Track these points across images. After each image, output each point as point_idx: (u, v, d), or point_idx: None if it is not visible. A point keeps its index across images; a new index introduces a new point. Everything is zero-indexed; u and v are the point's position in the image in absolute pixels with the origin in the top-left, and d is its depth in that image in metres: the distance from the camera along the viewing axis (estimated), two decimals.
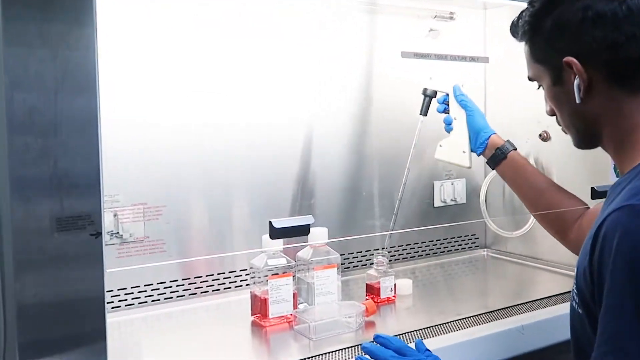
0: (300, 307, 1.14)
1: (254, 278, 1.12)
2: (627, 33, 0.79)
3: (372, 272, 1.24)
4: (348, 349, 0.98)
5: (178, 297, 1.24)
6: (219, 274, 1.30)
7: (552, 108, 0.91)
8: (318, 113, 1.40)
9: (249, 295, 1.13)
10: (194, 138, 1.25)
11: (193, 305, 1.23)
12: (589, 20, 0.80)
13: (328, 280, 1.15)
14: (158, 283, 1.23)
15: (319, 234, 1.15)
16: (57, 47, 0.65)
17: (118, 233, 1.16)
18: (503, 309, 1.16)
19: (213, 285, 1.29)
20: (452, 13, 1.54)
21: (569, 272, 1.39)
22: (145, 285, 1.21)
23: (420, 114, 1.37)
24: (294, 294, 1.12)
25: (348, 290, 1.31)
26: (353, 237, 1.37)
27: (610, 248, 0.70)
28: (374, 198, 1.50)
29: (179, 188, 1.24)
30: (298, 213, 1.37)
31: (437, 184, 1.60)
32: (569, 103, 0.85)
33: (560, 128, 0.93)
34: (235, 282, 1.32)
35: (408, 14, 1.50)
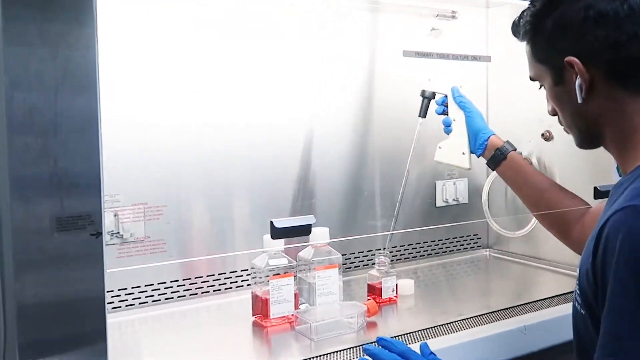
0: (302, 307, 1.14)
1: (255, 278, 1.12)
2: (628, 32, 0.78)
3: (373, 272, 1.24)
4: (349, 350, 0.98)
5: (179, 297, 1.24)
6: (220, 274, 1.30)
7: (553, 108, 0.90)
8: (318, 113, 1.40)
9: (250, 296, 1.13)
10: (195, 138, 1.25)
11: (194, 306, 1.23)
12: (591, 20, 0.80)
13: (329, 281, 1.15)
14: (159, 283, 1.22)
15: (321, 234, 1.15)
16: (57, 46, 0.65)
17: (118, 233, 1.16)
18: (505, 309, 1.16)
19: (214, 286, 1.29)
20: (454, 12, 1.53)
21: (572, 272, 1.39)
22: (146, 286, 1.21)
23: (419, 116, 1.37)
24: (295, 294, 1.12)
25: (349, 291, 1.31)
26: (355, 237, 1.37)
27: (613, 249, 0.70)
28: (376, 198, 1.50)
29: (180, 188, 1.24)
30: (299, 213, 1.36)
31: (439, 184, 1.59)
32: (571, 103, 0.84)
33: (562, 128, 0.92)
34: (236, 282, 1.31)
35: (410, 13, 1.50)
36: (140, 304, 1.20)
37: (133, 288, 1.20)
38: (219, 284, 1.29)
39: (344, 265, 1.39)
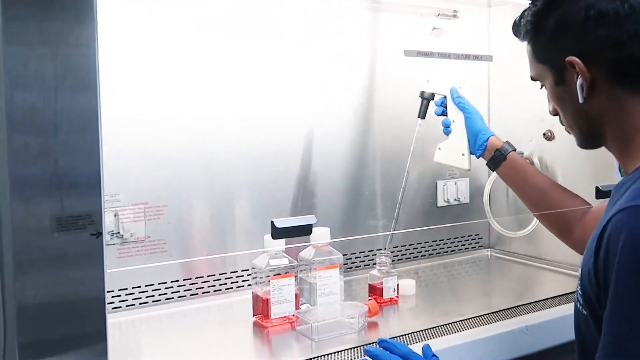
0: (303, 307, 1.14)
1: (256, 278, 1.11)
2: (629, 31, 0.78)
3: (374, 272, 1.24)
4: (350, 350, 0.97)
5: (179, 297, 1.24)
6: (221, 274, 1.29)
7: (555, 108, 0.90)
8: (319, 111, 1.40)
9: (251, 296, 1.13)
10: (195, 136, 1.24)
11: (194, 306, 1.23)
12: (592, 19, 0.80)
13: (330, 281, 1.14)
14: (159, 283, 1.22)
15: (322, 234, 1.14)
16: (57, 45, 0.65)
17: (119, 233, 1.16)
18: (507, 310, 1.16)
19: (214, 286, 1.28)
20: (455, 11, 1.53)
21: (574, 272, 1.38)
22: (146, 286, 1.21)
23: (419, 117, 1.37)
24: (296, 295, 1.11)
25: (350, 291, 1.31)
26: (356, 237, 1.37)
27: (615, 249, 0.70)
28: (377, 197, 1.49)
29: (180, 187, 1.24)
30: (300, 212, 1.36)
31: (440, 184, 1.59)
32: (572, 103, 0.84)
33: (564, 128, 0.92)
34: (237, 282, 1.31)
35: (411, 12, 1.50)
36: (141, 304, 1.20)
37: (133, 288, 1.20)
38: (220, 284, 1.29)
39: (345, 265, 1.39)
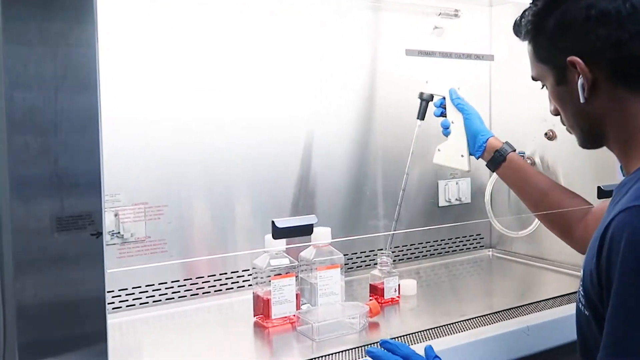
0: (303, 307, 1.13)
1: (257, 278, 1.11)
2: (631, 31, 0.78)
3: (375, 272, 1.23)
4: (351, 350, 0.97)
5: (180, 297, 1.24)
6: (221, 275, 1.29)
7: (556, 108, 0.90)
8: (319, 111, 1.39)
9: (252, 296, 1.12)
10: (195, 136, 1.24)
11: (195, 306, 1.22)
12: (593, 19, 0.79)
13: (331, 281, 1.14)
14: (159, 283, 1.22)
15: (322, 234, 1.14)
16: (57, 45, 0.65)
17: (119, 233, 1.16)
18: (508, 310, 1.15)
19: (215, 286, 1.28)
20: (457, 10, 1.53)
21: (575, 272, 1.38)
22: (147, 286, 1.21)
23: (418, 118, 1.37)
24: (297, 295, 1.11)
25: (351, 291, 1.31)
26: (357, 237, 1.36)
27: (618, 249, 0.70)
28: (378, 197, 1.49)
29: (181, 187, 1.23)
30: (300, 212, 1.36)
31: (441, 183, 1.59)
32: (573, 103, 0.84)
33: (565, 128, 0.92)
34: (238, 282, 1.31)
35: (412, 11, 1.50)
36: (141, 305, 1.20)
37: (134, 288, 1.19)
38: (220, 284, 1.29)
39: (346, 266, 1.39)
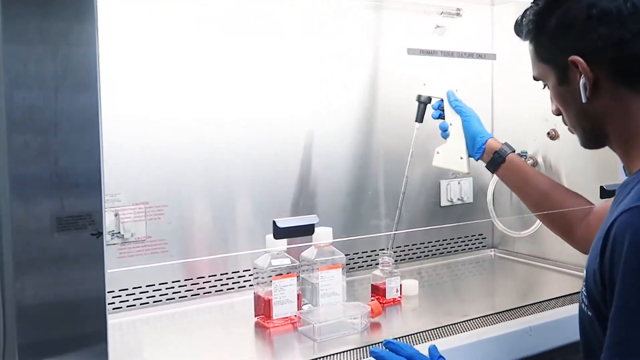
0: (305, 308, 1.13)
1: (258, 279, 1.11)
2: (632, 30, 0.78)
3: (377, 272, 1.23)
4: (353, 351, 0.97)
5: (180, 298, 1.23)
6: (222, 275, 1.29)
7: (557, 108, 0.90)
8: (319, 110, 1.39)
9: (253, 296, 1.12)
10: (196, 136, 1.24)
11: (195, 307, 1.22)
12: (594, 18, 0.79)
13: (333, 281, 1.14)
14: (160, 284, 1.22)
15: (324, 234, 1.14)
16: (57, 44, 0.65)
17: (119, 233, 1.15)
18: (510, 310, 1.15)
19: (216, 286, 1.28)
20: (459, 9, 1.53)
21: (578, 272, 1.38)
22: (147, 286, 1.20)
23: (416, 121, 1.36)
24: (298, 295, 1.11)
25: (353, 291, 1.30)
26: (358, 237, 1.36)
27: (621, 250, 0.70)
28: (380, 197, 1.49)
29: (181, 186, 1.23)
30: (302, 212, 1.35)
31: (443, 183, 1.58)
32: (575, 102, 0.84)
33: (567, 127, 0.91)
34: (239, 282, 1.31)
35: (414, 10, 1.49)
36: (142, 305, 1.19)
37: (134, 288, 1.19)
38: (221, 285, 1.28)
39: (348, 266, 1.38)
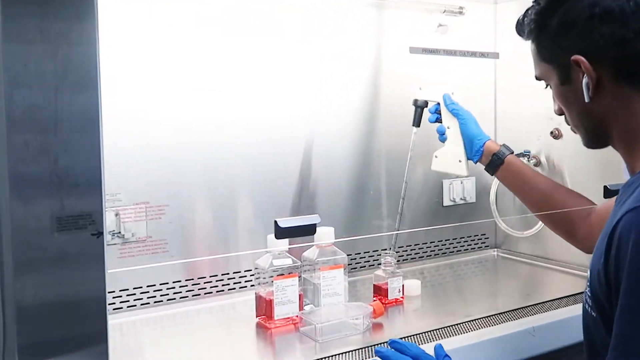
0: (306, 308, 1.13)
1: (259, 279, 1.10)
2: (635, 29, 0.77)
3: (379, 272, 1.23)
4: (355, 352, 0.97)
5: (181, 298, 1.23)
6: (223, 275, 1.29)
7: (560, 107, 0.89)
8: (319, 110, 1.39)
9: (254, 297, 1.12)
10: (196, 135, 1.24)
11: (196, 307, 1.22)
12: (597, 17, 0.79)
13: (334, 281, 1.14)
14: (161, 284, 1.21)
15: (326, 234, 1.14)
16: (57, 43, 0.65)
17: (120, 233, 1.15)
18: (513, 310, 1.15)
19: (217, 286, 1.28)
20: (461, 7, 1.52)
21: (581, 272, 1.37)
22: (148, 286, 1.20)
23: (413, 125, 1.36)
24: (300, 295, 1.11)
25: (355, 291, 1.30)
26: (360, 237, 1.36)
27: (626, 250, 0.69)
28: (382, 197, 1.48)
29: (182, 186, 1.23)
30: (303, 212, 1.35)
31: (446, 183, 1.58)
32: (578, 102, 0.83)
33: (570, 127, 0.91)
34: (240, 282, 1.30)
35: (416, 9, 1.49)
36: (142, 305, 1.19)
37: (135, 289, 1.19)
38: (222, 285, 1.28)
39: (350, 266, 1.38)
